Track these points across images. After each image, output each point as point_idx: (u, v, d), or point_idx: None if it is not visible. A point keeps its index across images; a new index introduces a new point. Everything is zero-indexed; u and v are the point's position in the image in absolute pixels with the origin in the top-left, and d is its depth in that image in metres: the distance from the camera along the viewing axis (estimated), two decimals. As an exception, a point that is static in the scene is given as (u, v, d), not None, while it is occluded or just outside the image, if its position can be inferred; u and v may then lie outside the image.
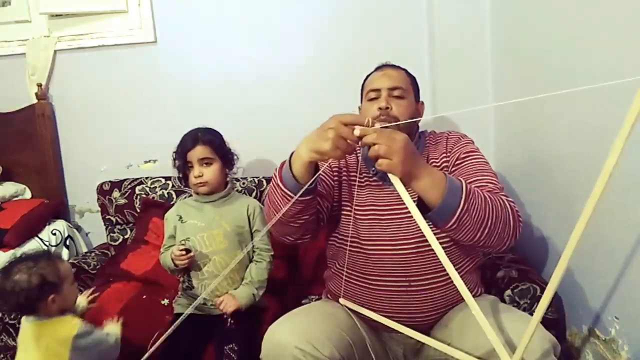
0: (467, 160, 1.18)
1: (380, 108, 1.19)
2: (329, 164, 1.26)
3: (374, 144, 0.91)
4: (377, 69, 1.31)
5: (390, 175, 0.93)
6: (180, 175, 1.52)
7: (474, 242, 1.02)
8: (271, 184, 1.09)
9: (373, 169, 1.21)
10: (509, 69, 1.73)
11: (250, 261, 1.49)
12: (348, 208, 1.22)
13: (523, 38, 1.58)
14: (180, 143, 1.50)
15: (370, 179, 1.23)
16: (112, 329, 1.27)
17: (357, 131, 0.92)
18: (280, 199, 1.04)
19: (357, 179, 1.23)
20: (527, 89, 1.56)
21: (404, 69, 1.29)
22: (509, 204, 1.05)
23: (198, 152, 1.44)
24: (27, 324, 1.16)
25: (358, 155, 1.28)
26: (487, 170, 1.16)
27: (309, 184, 0.98)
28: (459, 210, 0.96)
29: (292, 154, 1.03)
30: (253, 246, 1.49)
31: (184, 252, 1.38)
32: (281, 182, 1.03)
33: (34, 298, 1.10)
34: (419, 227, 1.11)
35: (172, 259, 1.42)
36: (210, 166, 1.46)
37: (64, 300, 1.17)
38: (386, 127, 0.98)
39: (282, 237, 1.19)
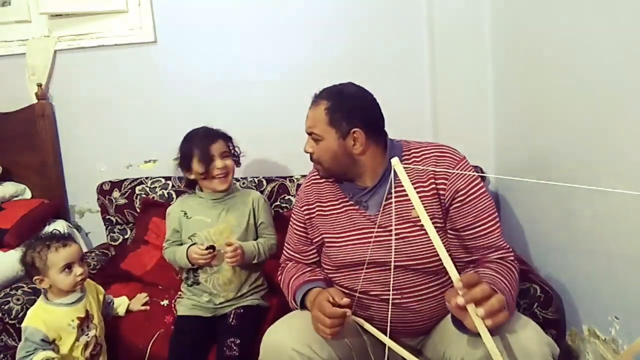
0: (469, 200, 1.11)
1: (306, 151, 1.22)
2: (301, 210, 1.30)
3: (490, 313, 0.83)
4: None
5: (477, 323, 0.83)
6: (200, 173, 1.48)
7: None
8: (284, 291, 1.27)
9: (350, 194, 1.22)
10: (509, 69, 1.73)
11: (256, 263, 1.52)
12: (330, 235, 1.23)
13: (523, 38, 1.58)
14: (196, 140, 1.50)
15: (347, 204, 1.22)
16: (118, 300, 1.53)
17: (461, 300, 0.82)
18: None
19: (334, 207, 1.24)
20: (528, 88, 1.56)
21: (326, 99, 1.17)
22: (515, 269, 1.07)
23: (221, 145, 1.50)
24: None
25: (330, 183, 1.28)
26: (489, 208, 1.12)
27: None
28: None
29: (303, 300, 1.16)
30: (257, 238, 1.55)
31: (210, 250, 1.41)
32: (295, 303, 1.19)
33: (27, 275, 1.31)
34: (403, 248, 1.11)
35: (190, 258, 1.44)
36: (228, 159, 1.52)
37: (52, 283, 1.27)
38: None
39: None
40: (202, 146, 1.47)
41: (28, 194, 2.08)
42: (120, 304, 1.51)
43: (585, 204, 1.24)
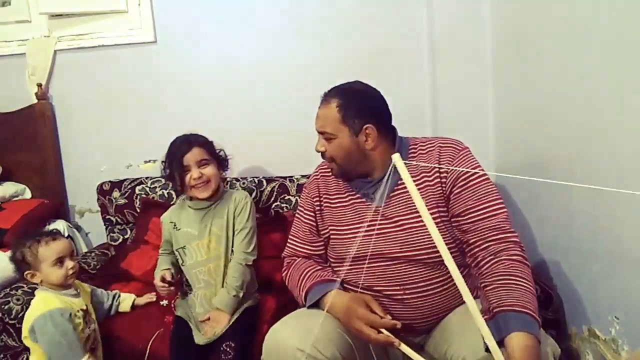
0: (470, 185, 1.12)
1: (317, 150, 1.22)
2: (312, 200, 1.31)
3: None
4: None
5: None
6: (177, 185, 1.47)
7: None
8: (290, 287, 1.26)
9: (357, 187, 1.23)
10: (509, 69, 1.73)
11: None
12: (336, 228, 1.23)
13: (523, 38, 1.58)
14: (172, 149, 1.47)
15: (354, 197, 1.23)
16: (124, 294, 1.55)
17: None
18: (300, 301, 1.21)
19: (341, 199, 1.25)
20: (528, 88, 1.56)
21: (337, 96, 1.18)
22: (524, 259, 1.04)
23: (195, 154, 1.44)
24: None
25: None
26: (492, 193, 1.12)
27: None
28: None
29: (323, 296, 1.13)
30: (232, 249, 1.49)
31: (165, 285, 1.41)
32: (305, 303, 1.17)
33: (18, 271, 1.32)
34: (408, 239, 1.12)
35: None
36: (208, 166, 1.46)
37: (44, 277, 1.30)
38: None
39: None
40: (176, 157, 1.44)
41: (28, 194, 2.08)
42: (125, 299, 1.52)
43: (585, 203, 1.24)
